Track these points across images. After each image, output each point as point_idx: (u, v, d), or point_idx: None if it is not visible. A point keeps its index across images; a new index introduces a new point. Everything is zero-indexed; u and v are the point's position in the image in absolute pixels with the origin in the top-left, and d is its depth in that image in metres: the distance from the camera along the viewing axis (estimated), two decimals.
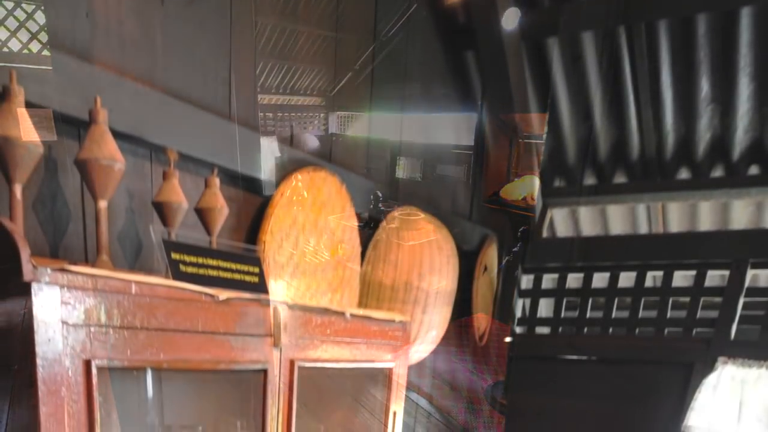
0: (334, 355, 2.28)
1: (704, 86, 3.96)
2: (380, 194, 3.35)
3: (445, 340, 3.78)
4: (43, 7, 1.88)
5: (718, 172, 4.28)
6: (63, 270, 1.41)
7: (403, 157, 3.67)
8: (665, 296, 4.25)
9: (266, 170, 2.68)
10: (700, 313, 4.15)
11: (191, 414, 2.45)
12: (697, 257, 4.13)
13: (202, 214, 2.19)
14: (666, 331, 4.26)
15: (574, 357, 4.54)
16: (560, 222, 5.44)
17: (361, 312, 2.40)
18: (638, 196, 4.56)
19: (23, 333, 1.36)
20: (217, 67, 2.55)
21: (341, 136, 3.19)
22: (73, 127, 2.08)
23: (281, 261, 2.61)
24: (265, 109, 2.76)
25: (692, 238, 4.33)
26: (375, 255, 3.30)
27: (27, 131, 1.66)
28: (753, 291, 4.02)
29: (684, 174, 4.38)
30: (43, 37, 1.89)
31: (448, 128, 4.12)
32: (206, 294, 1.76)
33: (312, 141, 2.99)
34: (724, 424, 3.88)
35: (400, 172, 3.65)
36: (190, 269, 1.88)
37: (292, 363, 2.08)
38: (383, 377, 2.63)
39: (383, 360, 2.55)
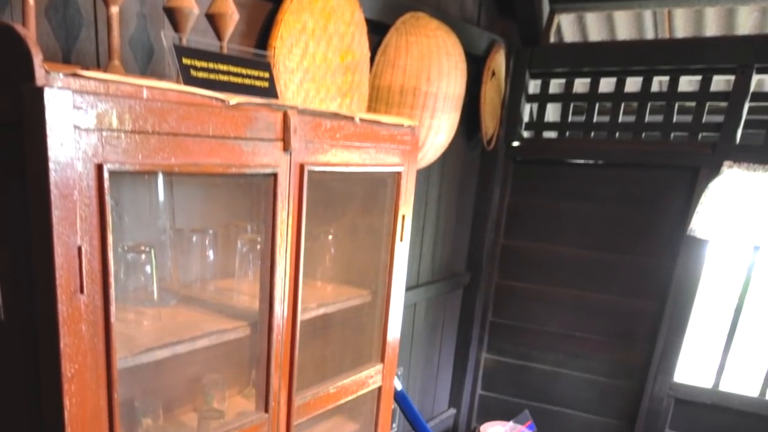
0: (344, 159, 2.30)
1: None
2: None
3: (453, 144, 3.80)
4: None
5: None
6: (75, 75, 1.41)
7: None
8: (671, 101, 4.26)
9: None
10: (705, 118, 4.17)
11: (202, 218, 2.50)
12: (702, 62, 4.11)
13: (213, 20, 2.17)
14: (672, 135, 4.29)
15: (581, 161, 4.58)
16: (567, 27, 5.39)
17: (370, 116, 2.40)
18: (644, 2, 4.48)
19: (36, 138, 1.37)
20: None
21: None
22: None
23: (291, 66, 2.60)
24: None
25: (698, 44, 4.28)
26: (384, 60, 3.28)
27: None
28: (758, 96, 4.04)
29: None
30: None
31: None
32: (217, 99, 1.77)
33: None
34: (728, 228, 3.94)
35: None
36: (201, 74, 1.88)
37: (301, 167, 2.10)
38: (392, 181, 2.66)
39: (392, 164, 2.57)
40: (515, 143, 4.78)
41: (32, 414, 1.64)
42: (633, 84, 4.43)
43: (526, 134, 4.85)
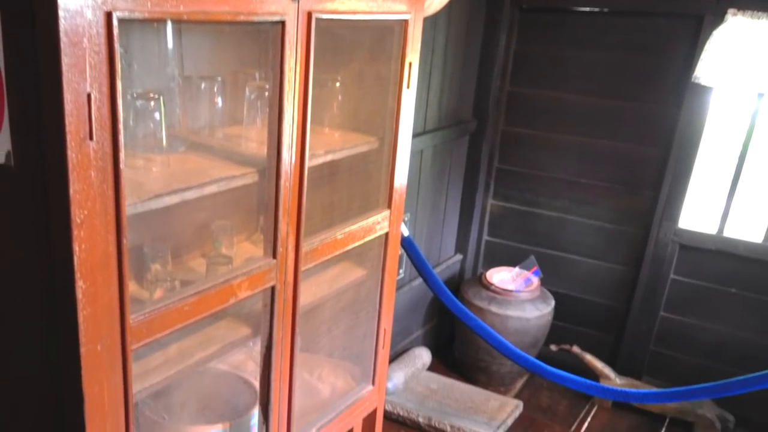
0: (351, 6, 2.28)
1: None
2: None
3: None
4: None
5: None
6: None
7: None
8: None
9: None
10: None
11: (211, 65, 2.50)
12: None
13: None
14: None
15: (587, 8, 4.55)
16: None
17: None
18: None
19: None
20: None
21: None
22: None
23: None
24: None
25: None
26: None
27: None
28: None
29: None
30: None
31: None
32: None
33: None
34: (732, 75, 3.94)
35: None
36: None
37: (309, 15, 2.10)
38: (399, 29, 2.65)
39: (399, 12, 2.56)
40: None
41: (43, 260, 1.68)
42: None
43: None
